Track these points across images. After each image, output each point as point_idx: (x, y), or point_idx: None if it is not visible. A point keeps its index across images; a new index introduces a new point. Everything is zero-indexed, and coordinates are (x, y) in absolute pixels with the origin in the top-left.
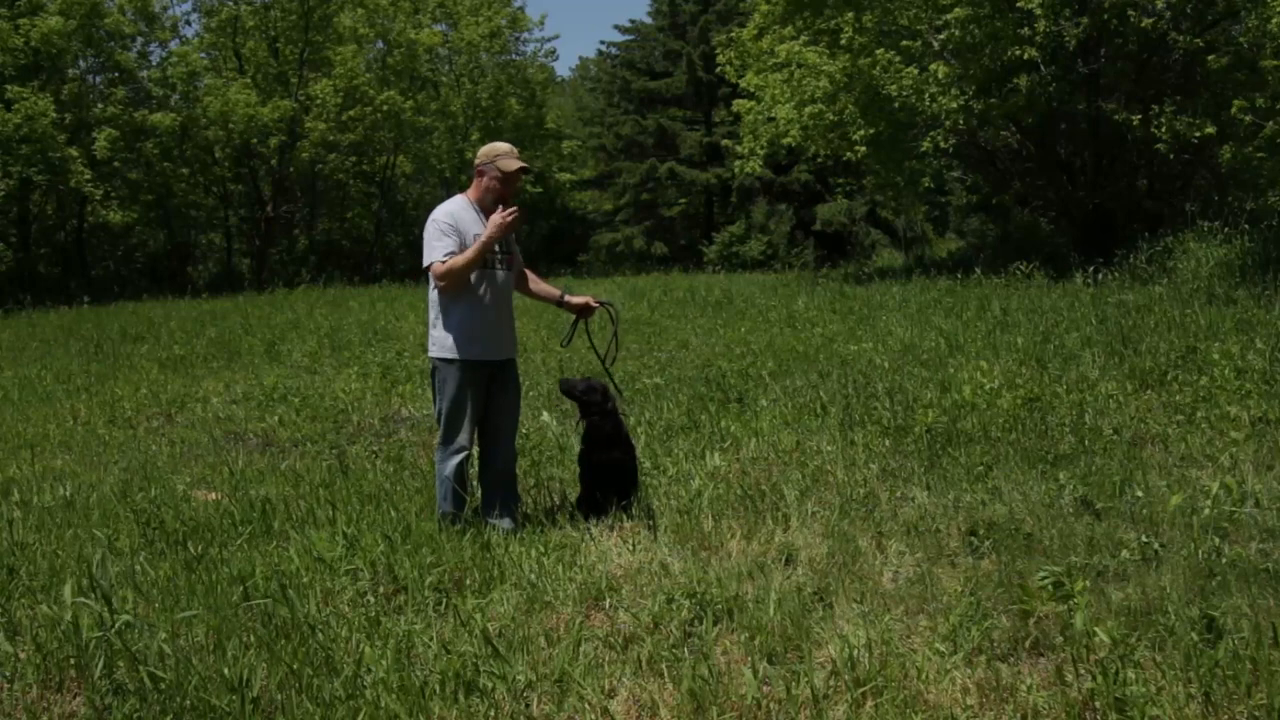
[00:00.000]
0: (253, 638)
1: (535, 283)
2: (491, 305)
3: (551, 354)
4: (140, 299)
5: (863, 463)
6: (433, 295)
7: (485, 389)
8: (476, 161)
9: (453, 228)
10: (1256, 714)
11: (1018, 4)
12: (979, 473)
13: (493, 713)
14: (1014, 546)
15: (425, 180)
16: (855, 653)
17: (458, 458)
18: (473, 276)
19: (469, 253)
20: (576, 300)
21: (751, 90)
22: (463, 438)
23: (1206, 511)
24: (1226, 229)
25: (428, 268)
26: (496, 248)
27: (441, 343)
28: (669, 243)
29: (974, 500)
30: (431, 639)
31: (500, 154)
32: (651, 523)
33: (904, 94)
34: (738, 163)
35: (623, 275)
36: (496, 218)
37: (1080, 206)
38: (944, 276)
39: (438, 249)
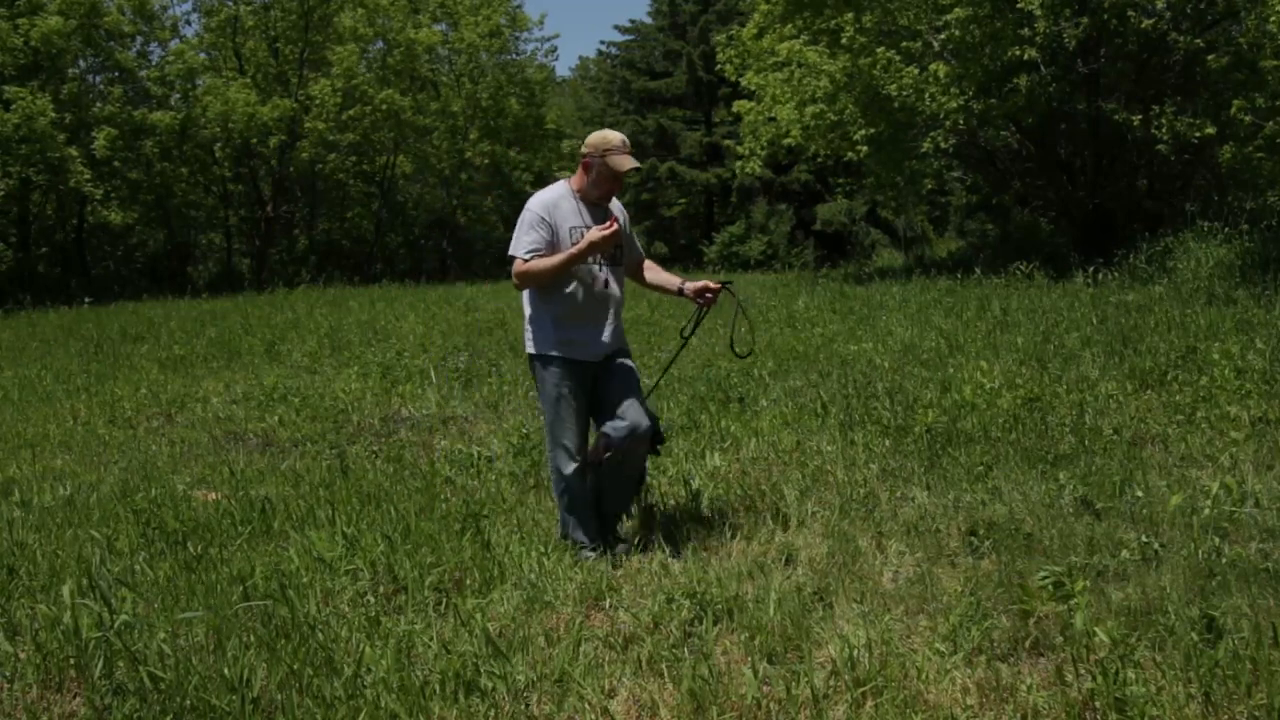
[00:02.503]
0: (253, 638)
1: (653, 272)
2: (592, 304)
3: None
4: (140, 299)
5: (863, 463)
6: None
7: (589, 388)
8: (584, 149)
9: (544, 220)
10: (1256, 714)
11: (1018, 4)
12: (979, 473)
13: (493, 713)
14: (1014, 546)
15: (425, 180)
16: (855, 653)
17: (572, 467)
18: (571, 275)
19: (557, 259)
20: (695, 286)
21: (752, 90)
22: (569, 440)
23: (1206, 511)
24: (1226, 229)
25: (511, 259)
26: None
27: (535, 338)
28: (669, 242)
29: (974, 500)
30: (431, 639)
31: (612, 148)
32: (652, 523)
33: (904, 94)
34: (738, 163)
35: None
36: (594, 233)
37: (1080, 206)
38: (944, 276)
39: (523, 243)
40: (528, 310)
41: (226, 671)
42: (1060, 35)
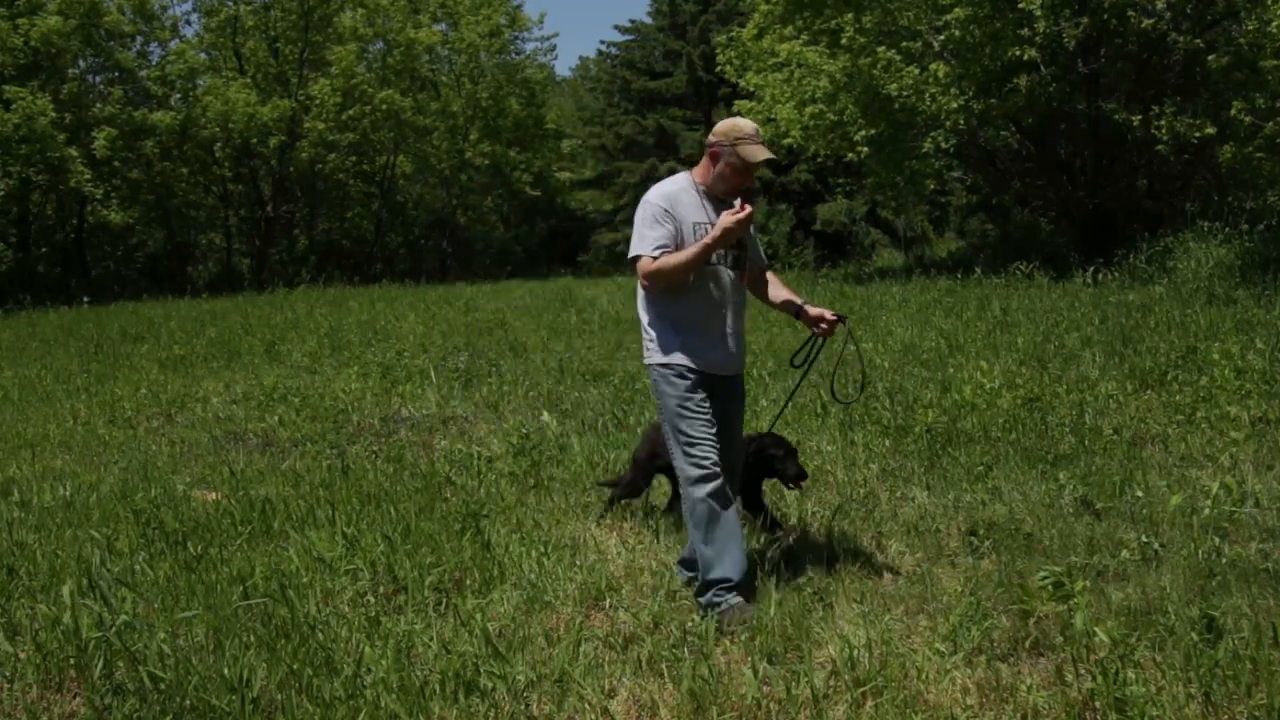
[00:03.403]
0: (253, 638)
1: (775, 287)
2: (715, 309)
3: (551, 354)
4: (140, 299)
5: (863, 463)
6: (643, 293)
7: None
8: (711, 138)
9: (668, 214)
10: (1256, 714)
11: (1018, 4)
12: (979, 473)
13: (493, 713)
14: (1014, 546)
15: (425, 180)
16: (855, 653)
17: (708, 486)
18: (692, 274)
19: (689, 252)
20: (813, 312)
21: (752, 90)
22: (703, 453)
23: (1206, 511)
24: (1226, 229)
25: (634, 259)
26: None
27: (657, 347)
28: None
29: (974, 500)
30: (431, 639)
31: (744, 136)
32: (652, 523)
33: (904, 94)
34: None
35: (623, 275)
36: (726, 218)
37: (1080, 206)
38: (944, 276)
39: (648, 239)
40: (645, 316)
41: (226, 671)
42: (1060, 35)
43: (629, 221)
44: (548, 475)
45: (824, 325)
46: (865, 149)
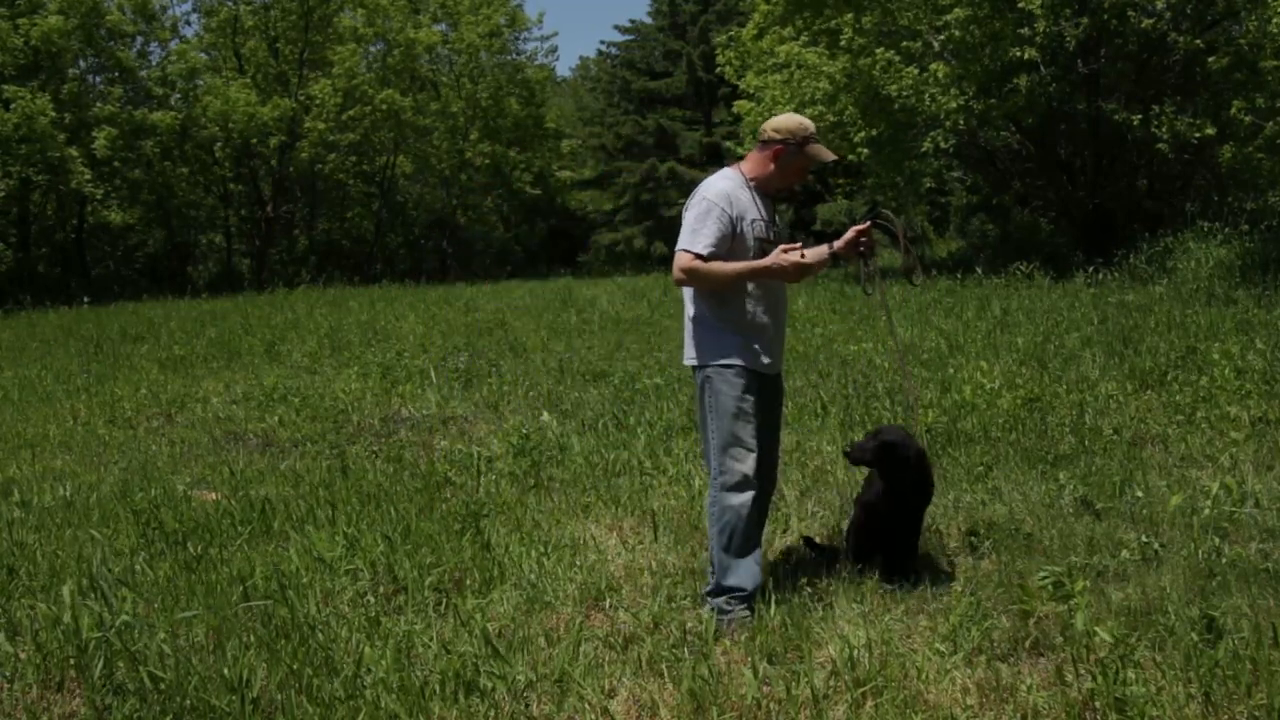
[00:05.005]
0: (253, 638)
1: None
2: (774, 309)
3: (551, 354)
4: (140, 299)
5: None
6: (696, 289)
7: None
8: (775, 135)
9: (726, 213)
10: (1256, 714)
11: (1018, 4)
12: (979, 473)
13: (493, 713)
14: (1014, 546)
15: (425, 180)
16: (855, 653)
17: (744, 494)
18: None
19: (736, 269)
20: (844, 241)
21: (751, 91)
22: (746, 464)
23: (1206, 511)
24: (1226, 229)
25: (681, 252)
26: (772, 235)
27: (712, 345)
28: (669, 243)
29: (974, 500)
30: (431, 639)
31: (811, 136)
32: (652, 523)
33: (904, 94)
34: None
35: (623, 275)
36: (789, 258)
37: (1080, 206)
38: (944, 276)
39: (701, 237)
40: (693, 310)
41: (226, 671)
42: (1060, 35)
43: (629, 221)
44: (548, 475)
45: (863, 242)
46: (865, 150)
